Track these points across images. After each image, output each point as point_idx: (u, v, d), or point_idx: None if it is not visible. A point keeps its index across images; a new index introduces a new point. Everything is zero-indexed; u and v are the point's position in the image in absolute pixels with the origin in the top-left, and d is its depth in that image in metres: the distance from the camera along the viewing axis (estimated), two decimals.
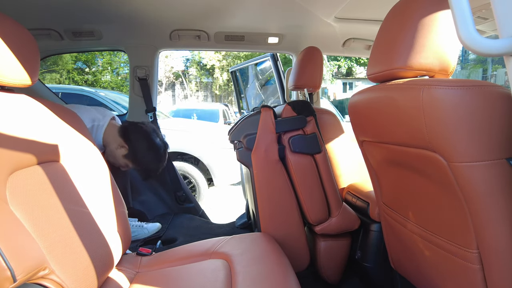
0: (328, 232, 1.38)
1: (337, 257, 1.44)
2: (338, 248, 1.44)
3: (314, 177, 1.32)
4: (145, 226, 1.86)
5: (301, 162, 1.31)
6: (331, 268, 1.45)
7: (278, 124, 1.32)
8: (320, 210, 1.34)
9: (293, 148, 1.29)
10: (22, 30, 0.87)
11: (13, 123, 0.78)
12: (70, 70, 12.89)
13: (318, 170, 1.33)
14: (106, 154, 1.59)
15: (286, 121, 1.32)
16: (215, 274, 1.00)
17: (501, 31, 0.54)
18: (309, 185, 1.31)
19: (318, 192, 1.33)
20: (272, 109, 1.37)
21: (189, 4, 1.69)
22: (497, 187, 0.68)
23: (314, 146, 1.31)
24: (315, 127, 1.36)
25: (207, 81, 18.58)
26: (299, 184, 1.32)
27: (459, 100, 0.66)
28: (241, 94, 3.65)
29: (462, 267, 0.80)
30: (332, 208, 1.36)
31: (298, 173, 1.31)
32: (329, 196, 1.35)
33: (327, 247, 1.43)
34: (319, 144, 1.32)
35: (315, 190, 1.32)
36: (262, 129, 1.30)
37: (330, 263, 1.44)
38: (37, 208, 0.77)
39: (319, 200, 1.34)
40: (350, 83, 20.29)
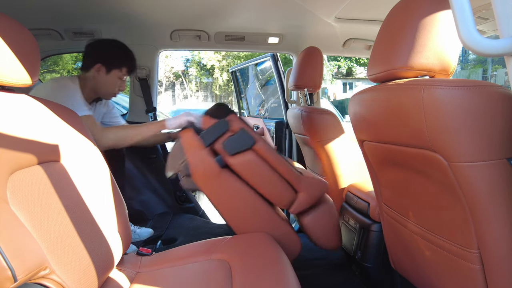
0: (302, 208, 1.35)
1: (326, 224, 1.41)
2: (322, 216, 1.40)
3: (263, 167, 1.29)
4: (137, 232, 1.84)
5: (244, 160, 1.28)
6: (326, 236, 1.42)
7: (203, 138, 1.29)
8: (284, 194, 1.31)
9: (229, 152, 1.25)
10: (22, 30, 0.87)
11: (13, 123, 0.78)
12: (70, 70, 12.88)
13: (264, 158, 1.30)
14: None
15: (209, 132, 1.30)
16: (215, 274, 1.00)
17: (501, 31, 0.54)
18: (262, 177, 1.29)
19: (274, 179, 1.30)
20: (192, 128, 1.36)
21: (189, 4, 1.70)
22: (498, 187, 0.68)
23: (247, 140, 1.27)
24: (240, 122, 1.34)
25: (207, 81, 18.57)
26: (253, 181, 1.29)
27: (459, 100, 0.66)
28: (241, 94, 3.65)
29: (462, 267, 0.80)
30: (294, 185, 1.33)
31: (246, 172, 1.28)
32: (286, 176, 1.31)
33: (311, 221, 1.40)
34: (251, 135, 1.29)
35: (270, 179, 1.29)
36: (189, 151, 1.28)
37: (322, 233, 1.41)
38: (37, 208, 0.77)
39: (278, 185, 1.30)
40: (350, 83, 20.29)
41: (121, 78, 1.55)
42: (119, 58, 1.54)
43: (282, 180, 1.31)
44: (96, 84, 1.53)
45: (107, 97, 1.60)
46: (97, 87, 1.53)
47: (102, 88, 1.54)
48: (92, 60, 1.52)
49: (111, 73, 1.53)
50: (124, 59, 1.55)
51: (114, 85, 1.55)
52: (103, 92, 1.56)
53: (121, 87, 1.59)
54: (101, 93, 1.56)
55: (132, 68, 1.59)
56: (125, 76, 1.57)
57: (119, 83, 1.56)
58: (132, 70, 1.60)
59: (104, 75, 1.52)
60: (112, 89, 1.56)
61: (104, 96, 1.59)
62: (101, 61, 1.51)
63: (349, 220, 1.57)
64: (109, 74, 1.52)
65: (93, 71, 1.51)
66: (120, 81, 1.56)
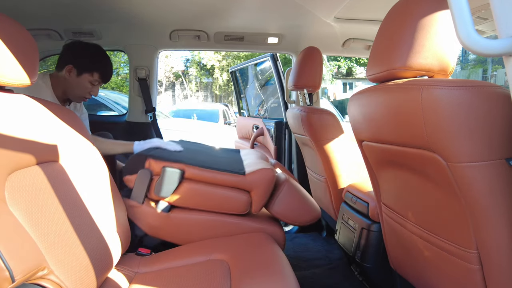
0: (262, 204, 1.33)
1: (292, 203, 1.39)
2: (285, 199, 1.38)
3: (203, 188, 1.27)
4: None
5: (182, 194, 1.27)
6: (298, 214, 1.39)
7: (135, 197, 1.28)
8: (237, 201, 1.29)
9: (165, 195, 1.26)
10: (22, 30, 0.87)
11: (12, 123, 0.78)
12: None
13: (198, 180, 1.28)
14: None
15: (136, 188, 1.28)
16: (214, 274, 1.00)
17: (500, 31, 0.54)
18: (207, 198, 1.28)
19: (218, 194, 1.28)
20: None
21: (189, 4, 1.70)
22: (497, 187, 0.68)
23: (174, 174, 1.25)
24: (158, 161, 1.29)
25: (207, 81, 18.57)
26: (202, 205, 1.29)
27: (458, 101, 0.66)
28: (241, 94, 3.65)
29: (461, 267, 0.80)
30: (241, 187, 1.30)
31: (191, 202, 1.27)
32: (228, 184, 1.29)
33: (277, 209, 1.37)
34: (176, 169, 1.26)
35: (215, 195, 1.28)
36: (132, 215, 1.28)
37: (293, 214, 1.39)
38: (36, 208, 0.77)
39: (226, 196, 1.27)
40: (350, 83, 20.29)
41: (93, 83, 1.50)
42: (91, 62, 1.49)
43: (227, 188, 1.29)
44: (66, 85, 1.49)
45: (77, 100, 1.55)
46: (67, 88, 1.50)
47: (72, 90, 1.50)
48: (65, 60, 1.48)
49: (82, 76, 1.48)
50: (97, 64, 1.50)
51: (84, 89, 1.50)
52: (72, 95, 1.51)
53: (93, 92, 1.53)
54: (70, 95, 1.52)
55: (105, 75, 1.53)
56: (97, 82, 1.52)
57: (90, 88, 1.51)
58: (105, 77, 1.53)
59: (75, 77, 1.48)
60: (81, 93, 1.51)
61: (74, 99, 1.54)
62: (73, 62, 1.47)
63: (348, 220, 1.57)
64: (79, 77, 1.48)
65: (65, 72, 1.47)
66: (91, 86, 1.51)
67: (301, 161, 2.27)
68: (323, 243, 2.16)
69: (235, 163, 1.43)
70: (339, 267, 1.78)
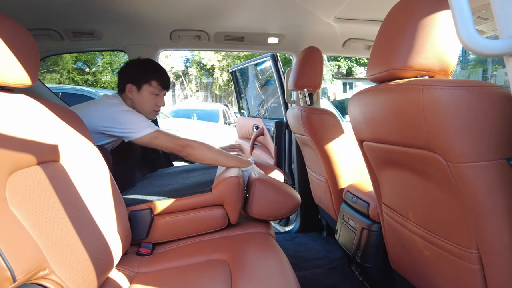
0: (238, 213, 1.32)
1: (268, 200, 1.37)
2: (260, 199, 1.36)
3: (178, 219, 1.27)
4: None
5: (159, 231, 1.26)
6: (276, 209, 1.38)
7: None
8: (213, 219, 1.28)
9: (141, 237, 1.25)
10: (22, 30, 0.87)
11: (13, 123, 0.78)
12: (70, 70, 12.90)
13: (169, 212, 1.27)
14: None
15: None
16: (215, 274, 1.00)
17: (501, 31, 0.54)
18: (185, 226, 1.28)
19: (194, 218, 1.27)
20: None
21: (189, 4, 1.70)
22: (497, 187, 0.68)
23: (144, 216, 1.24)
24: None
25: (207, 81, 18.57)
26: (183, 233, 1.29)
27: (459, 101, 0.66)
28: (241, 94, 3.65)
29: (462, 267, 0.80)
30: (214, 203, 1.28)
31: (171, 234, 1.28)
32: (199, 205, 1.28)
33: (256, 211, 1.36)
34: (143, 211, 1.25)
35: (191, 221, 1.28)
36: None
37: (272, 210, 1.38)
38: (37, 208, 0.77)
39: (201, 218, 1.27)
40: (350, 83, 20.29)
41: (155, 93, 1.53)
42: (145, 73, 1.52)
43: (199, 210, 1.28)
44: (133, 104, 1.53)
45: (149, 115, 1.57)
46: (135, 106, 1.53)
47: (140, 106, 1.53)
48: (123, 81, 1.53)
49: (142, 90, 1.52)
50: (151, 73, 1.53)
51: (150, 101, 1.53)
52: (142, 111, 1.53)
53: (159, 103, 1.56)
54: (142, 112, 1.53)
55: (162, 81, 1.56)
56: (159, 91, 1.54)
57: (155, 99, 1.55)
58: (163, 83, 1.56)
59: (137, 93, 1.52)
60: (149, 106, 1.54)
61: (146, 115, 1.55)
62: (131, 80, 1.52)
63: (348, 220, 1.57)
64: (140, 91, 1.52)
65: (127, 92, 1.52)
66: (155, 97, 1.54)
67: (301, 161, 2.27)
68: (323, 243, 2.16)
69: (206, 179, 1.42)
70: (340, 267, 1.78)
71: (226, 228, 1.32)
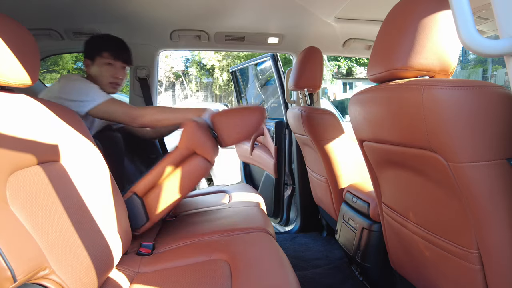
0: (210, 151, 1.31)
1: (230, 127, 1.39)
2: (221, 130, 1.37)
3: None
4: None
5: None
6: (241, 131, 1.40)
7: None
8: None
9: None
10: (22, 30, 0.87)
11: (13, 123, 0.78)
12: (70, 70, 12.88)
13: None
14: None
15: None
16: (215, 274, 1.00)
17: (501, 31, 0.54)
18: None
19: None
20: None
21: (189, 4, 1.70)
22: (498, 187, 0.68)
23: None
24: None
25: (207, 81, 18.56)
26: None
27: (459, 101, 0.66)
28: (241, 94, 3.65)
29: (462, 267, 0.80)
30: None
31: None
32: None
33: (226, 139, 1.38)
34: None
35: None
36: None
37: (240, 134, 1.41)
38: (37, 208, 0.77)
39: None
40: (350, 83, 20.29)
41: (108, 63, 1.50)
42: (97, 45, 1.51)
43: (178, 168, 1.27)
44: (92, 79, 1.50)
45: (109, 89, 1.54)
46: (96, 81, 1.50)
47: (96, 80, 1.50)
48: (84, 60, 1.54)
49: (96, 62, 1.50)
50: (102, 44, 1.51)
51: (104, 74, 1.50)
52: (102, 85, 1.51)
53: (116, 74, 1.53)
54: (102, 87, 1.51)
55: (114, 50, 1.52)
56: (113, 62, 1.51)
57: (110, 71, 1.51)
58: (117, 53, 1.53)
59: (92, 67, 1.51)
60: (105, 78, 1.51)
61: (107, 89, 1.53)
62: (86, 55, 1.52)
63: (349, 220, 1.57)
64: (94, 64, 1.50)
65: (86, 68, 1.52)
66: (109, 68, 1.51)
67: (301, 161, 2.27)
68: (323, 243, 2.16)
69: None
70: (340, 267, 1.78)
71: (226, 228, 1.32)
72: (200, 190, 2.28)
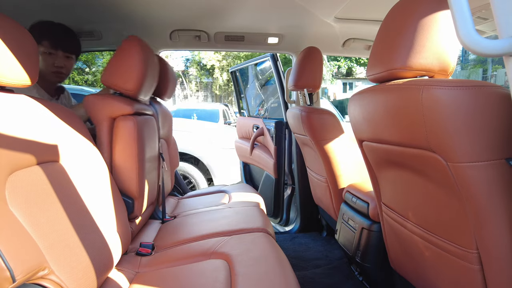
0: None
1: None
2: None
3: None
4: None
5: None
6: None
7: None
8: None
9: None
10: (22, 30, 0.87)
11: (12, 123, 0.78)
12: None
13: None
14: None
15: None
16: (214, 274, 1.00)
17: (500, 31, 0.54)
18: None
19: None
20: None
21: (189, 4, 1.70)
22: (497, 187, 0.68)
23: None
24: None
25: (207, 81, 18.57)
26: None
27: (458, 101, 0.66)
28: (241, 94, 3.65)
29: (461, 267, 0.80)
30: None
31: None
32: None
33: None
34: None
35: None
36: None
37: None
38: (36, 209, 0.77)
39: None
40: (350, 83, 20.30)
41: (48, 53, 1.47)
42: (35, 33, 1.41)
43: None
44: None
45: (52, 78, 1.53)
46: (40, 71, 1.44)
47: (41, 70, 1.45)
48: None
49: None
50: (40, 33, 1.47)
51: (45, 63, 1.48)
52: (43, 75, 1.48)
53: (56, 63, 1.50)
54: (44, 77, 1.49)
55: (53, 39, 1.48)
56: (53, 50, 1.48)
57: (51, 59, 1.48)
58: (55, 41, 1.48)
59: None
60: (46, 68, 1.48)
61: (49, 78, 1.52)
62: None
63: (348, 220, 1.57)
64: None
65: None
66: (49, 56, 1.48)
67: (301, 161, 2.27)
68: (323, 243, 2.16)
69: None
70: (339, 267, 1.78)
71: (226, 228, 1.32)
72: (200, 190, 2.29)
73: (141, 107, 1.41)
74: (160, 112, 1.80)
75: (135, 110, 1.33)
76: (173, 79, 1.92)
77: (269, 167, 2.43)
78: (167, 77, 1.85)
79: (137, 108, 1.35)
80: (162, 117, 1.83)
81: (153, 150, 1.56)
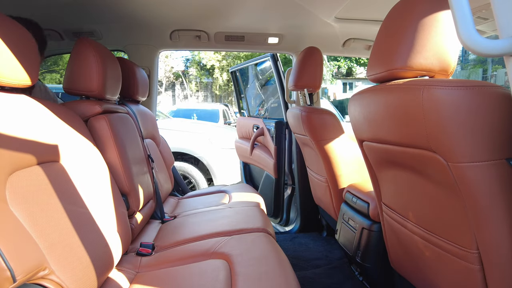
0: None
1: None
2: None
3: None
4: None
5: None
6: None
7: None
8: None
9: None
10: (22, 30, 0.87)
11: (13, 123, 0.78)
12: None
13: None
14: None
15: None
16: (215, 275, 1.00)
17: (501, 31, 0.54)
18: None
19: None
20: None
21: (189, 4, 1.70)
22: (497, 187, 0.68)
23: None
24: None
25: (207, 81, 18.56)
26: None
27: (459, 101, 0.66)
28: (241, 94, 3.65)
29: (462, 267, 0.80)
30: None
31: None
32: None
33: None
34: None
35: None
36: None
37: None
38: (37, 209, 0.77)
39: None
40: (350, 83, 20.30)
41: None
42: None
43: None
44: None
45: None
46: None
47: None
48: None
49: None
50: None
51: None
52: None
53: None
54: None
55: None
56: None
57: None
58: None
59: None
60: None
61: None
62: None
63: (349, 220, 1.57)
64: None
65: None
66: None
67: (301, 161, 2.27)
68: (323, 243, 2.16)
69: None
70: (340, 267, 1.78)
71: (226, 228, 1.32)
72: (200, 190, 2.29)
73: (111, 107, 1.41)
74: (137, 112, 1.78)
75: (104, 109, 1.32)
76: (141, 77, 1.87)
77: (269, 167, 2.43)
78: (134, 76, 1.80)
79: (106, 107, 1.34)
80: (141, 116, 1.81)
81: (137, 147, 1.55)
